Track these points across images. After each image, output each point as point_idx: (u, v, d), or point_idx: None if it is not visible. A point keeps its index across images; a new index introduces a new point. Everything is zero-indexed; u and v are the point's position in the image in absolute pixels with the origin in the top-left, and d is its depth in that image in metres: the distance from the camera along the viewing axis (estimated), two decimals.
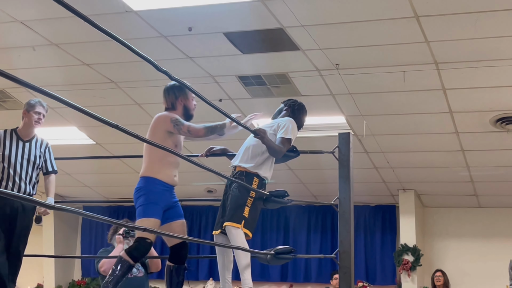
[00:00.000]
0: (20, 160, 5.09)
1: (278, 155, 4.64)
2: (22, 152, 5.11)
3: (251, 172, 4.61)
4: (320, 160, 8.74)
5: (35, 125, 5.20)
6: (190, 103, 4.64)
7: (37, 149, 5.18)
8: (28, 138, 5.21)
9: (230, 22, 6.59)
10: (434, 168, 9.71)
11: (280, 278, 11.60)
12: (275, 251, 4.38)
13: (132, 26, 6.64)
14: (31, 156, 5.13)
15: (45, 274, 11.86)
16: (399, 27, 6.41)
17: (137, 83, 8.06)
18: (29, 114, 5.20)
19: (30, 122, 5.18)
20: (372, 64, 7.15)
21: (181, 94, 4.61)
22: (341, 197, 4.52)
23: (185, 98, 4.61)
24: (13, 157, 5.05)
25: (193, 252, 11.65)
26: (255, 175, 4.61)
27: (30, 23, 6.82)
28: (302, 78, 7.58)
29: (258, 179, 4.62)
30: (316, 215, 11.59)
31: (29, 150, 5.14)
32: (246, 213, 4.48)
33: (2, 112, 9.16)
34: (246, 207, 4.49)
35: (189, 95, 4.63)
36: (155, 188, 4.39)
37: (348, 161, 4.56)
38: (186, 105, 4.62)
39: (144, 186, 4.42)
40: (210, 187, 11.37)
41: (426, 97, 7.77)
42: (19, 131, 5.21)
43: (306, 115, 5.08)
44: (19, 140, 5.15)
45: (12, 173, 5.03)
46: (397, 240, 11.02)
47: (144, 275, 6.06)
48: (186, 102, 4.62)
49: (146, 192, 4.38)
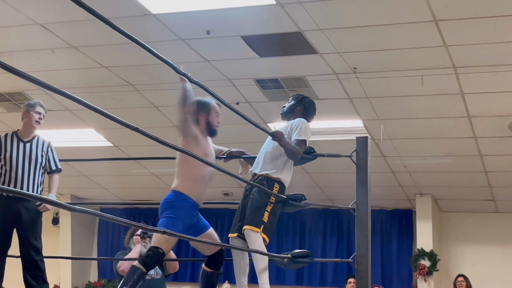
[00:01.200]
0: (22, 161, 5.09)
1: (296, 157, 4.63)
2: (23, 152, 5.12)
3: (273, 178, 4.61)
4: (336, 164, 8.71)
5: (35, 125, 5.21)
6: (212, 119, 4.62)
7: (38, 149, 5.18)
8: (29, 139, 5.21)
9: (248, 25, 6.60)
10: (452, 172, 9.66)
11: (296, 281, 11.57)
12: (292, 254, 4.37)
13: (150, 29, 6.67)
14: (32, 156, 5.12)
15: (62, 276, 11.92)
16: (418, 31, 6.39)
17: (155, 86, 8.09)
18: (29, 114, 5.22)
19: (30, 122, 5.20)
20: (390, 68, 7.13)
21: (203, 109, 4.59)
22: (359, 201, 4.51)
23: (207, 113, 4.59)
24: (14, 159, 5.06)
25: None
26: (276, 181, 4.61)
27: (49, 25, 6.88)
28: (320, 81, 7.57)
29: (279, 185, 4.61)
30: (332, 219, 11.56)
31: (30, 150, 5.14)
32: (265, 218, 4.47)
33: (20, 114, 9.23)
34: (266, 212, 4.49)
35: (212, 111, 4.61)
36: (184, 204, 4.41)
37: (366, 165, 4.55)
38: (209, 120, 4.60)
39: (174, 200, 4.43)
40: (226, 190, 11.37)
41: (444, 101, 7.74)
42: (19, 133, 5.22)
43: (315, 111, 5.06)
44: (19, 142, 5.16)
45: (14, 175, 5.04)
46: (414, 245, 10.96)
47: (161, 277, 6.08)
48: (208, 117, 4.59)
49: (174, 206, 4.38)
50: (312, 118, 5.03)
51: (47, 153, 5.23)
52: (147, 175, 10.88)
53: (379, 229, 11.24)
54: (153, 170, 10.71)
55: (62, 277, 11.94)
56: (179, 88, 4.42)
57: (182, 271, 12.18)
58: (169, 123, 8.84)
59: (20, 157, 5.10)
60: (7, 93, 8.67)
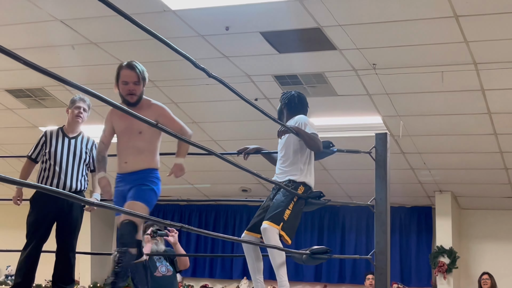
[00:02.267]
0: (66, 156, 5.12)
1: (318, 145, 4.60)
2: (68, 148, 5.15)
3: (298, 181, 4.62)
4: (355, 160, 8.68)
5: (76, 119, 5.22)
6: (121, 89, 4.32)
7: (83, 145, 5.20)
8: (74, 135, 5.23)
9: (267, 21, 6.59)
10: (472, 169, 9.59)
11: (314, 278, 11.57)
12: (311, 251, 4.36)
13: (169, 25, 6.69)
14: (76, 152, 5.15)
15: (81, 271, 12.00)
16: (438, 27, 6.35)
17: (174, 82, 8.11)
18: (71, 110, 5.26)
19: (72, 117, 5.23)
20: (410, 64, 7.09)
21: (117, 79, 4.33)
22: (378, 198, 4.49)
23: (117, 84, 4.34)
24: (59, 154, 5.10)
25: (228, 251, 11.69)
26: (302, 184, 4.62)
27: (69, 22, 6.91)
28: (339, 77, 7.55)
29: (305, 187, 4.62)
30: (350, 215, 11.54)
31: (74, 146, 5.17)
32: (286, 216, 4.47)
33: (41, 110, 9.30)
34: (287, 210, 4.49)
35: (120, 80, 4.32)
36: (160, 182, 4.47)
37: (385, 162, 4.52)
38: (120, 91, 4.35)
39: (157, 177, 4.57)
40: (244, 186, 11.39)
41: (465, 98, 7.68)
42: (64, 129, 5.25)
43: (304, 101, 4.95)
44: (64, 137, 5.19)
45: (58, 170, 5.07)
46: (433, 242, 10.91)
47: (172, 273, 6.11)
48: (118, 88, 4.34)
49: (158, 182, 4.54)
50: (305, 109, 4.93)
51: (91, 150, 5.22)
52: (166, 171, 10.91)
53: (398, 226, 11.20)
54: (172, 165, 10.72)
55: (82, 273, 12.02)
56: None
57: (200, 266, 12.22)
58: (188, 119, 8.86)
59: (64, 153, 5.13)
60: (28, 89, 8.74)
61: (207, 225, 12.16)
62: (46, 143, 5.17)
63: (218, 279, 12.10)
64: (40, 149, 5.18)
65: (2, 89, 8.82)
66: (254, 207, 10.71)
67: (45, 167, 5.12)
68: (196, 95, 8.35)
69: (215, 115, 8.92)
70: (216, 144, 9.46)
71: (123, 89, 4.30)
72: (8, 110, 9.37)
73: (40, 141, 5.21)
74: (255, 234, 4.61)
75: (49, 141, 5.16)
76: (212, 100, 8.45)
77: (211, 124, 9.24)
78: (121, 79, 4.30)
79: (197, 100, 8.58)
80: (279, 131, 4.62)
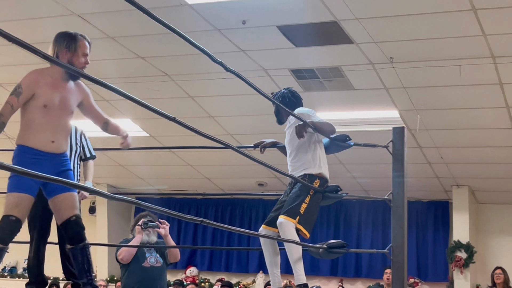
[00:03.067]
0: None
1: (332, 129, 4.60)
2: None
3: (314, 174, 4.62)
4: (372, 154, 8.65)
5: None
6: (77, 60, 3.94)
7: (72, 138, 5.17)
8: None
9: (284, 15, 6.58)
10: (489, 164, 9.53)
11: (330, 272, 11.56)
12: (328, 245, 4.36)
13: (186, 19, 6.69)
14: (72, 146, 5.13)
15: (99, 264, 12.07)
16: (456, 20, 6.31)
17: (190, 76, 8.12)
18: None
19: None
20: (427, 58, 7.05)
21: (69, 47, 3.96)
22: (395, 192, 4.47)
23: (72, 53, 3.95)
24: None
25: (244, 245, 11.71)
26: (318, 177, 4.62)
27: (87, 16, 6.94)
28: (356, 71, 7.52)
29: (320, 180, 4.62)
30: (367, 210, 11.51)
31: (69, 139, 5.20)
32: (302, 210, 4.47)
33: None
34: (304, 204, 4.49)
35: (79, 51, 3.96)
36: (23, 158, 3.77)
37: (402, 156, 4.50)
38: (71, 61, 3.91)
39: (14, 156, 3.84)
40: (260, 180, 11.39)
41: (483, 92, 7.63)
42: None
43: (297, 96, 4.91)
44: None
45: None
46: (450, 237, 10.86)
47: (162, 265, 6.17)
48: (72, 57, 3.95)
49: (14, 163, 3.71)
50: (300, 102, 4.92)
51: (81, 140, 5.27)
52: (183, 165, 10.95)
53: (415, 221, 11.15)
54: (189, 160, 10.77)
55: (99, 265, 12.08)
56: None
57: (217, 260, 12.26)
58: (204, 113, 8.87)
59: None
60: None
61: (223, 219, 12.18)
62: None
63: (234, 273, 12.13)
64: None
65: None
66: (270, 201, 10.72)
67: None
68: (213, 89, 8.36)
69: (231, 109, 8.93)
70: (232, 138, 9.46)
71: (80, 61, 3.94)
72: None
73: None
74: (272, 229, 4.62)
75: None
76: (228, 94, 8.45)
77: (227, 118, 9.25)
78: (81, 50, 3.98)
79: (213, 94, 8.58)
80: (297, 132, 4.59)
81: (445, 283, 10.79)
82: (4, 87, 9.01)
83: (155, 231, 6.21)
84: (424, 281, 10.90)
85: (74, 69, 3.44)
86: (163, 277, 6.24)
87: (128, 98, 2.36)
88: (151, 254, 6.15)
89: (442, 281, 10.88)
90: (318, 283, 10.89)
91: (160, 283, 6.17)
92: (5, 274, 12.87)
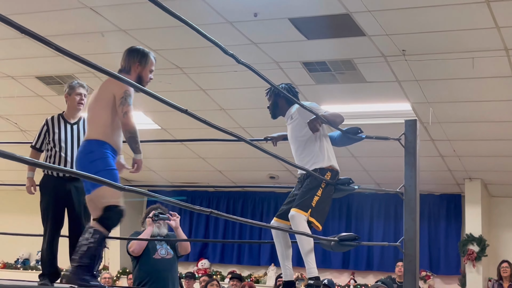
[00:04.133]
0: (70, 142, 5.17)
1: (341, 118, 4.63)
2: (71, 134, 5.20)
3: (325, 168, 4.62)
4: (384, 147, 8.64)
5: (78, 106, 5.27)
6: (146, 74, 4.41)
7: (82, 131, 5.22)
8: (75, 121, 5.28)
9: (296, 7, 6.56)
10: (502, 157, 9.48)
11: (342, 265, 11.56)
12: (339, 237, 4.36)
13: (197, 12, 6.68)
14: (80, 137, 5.18)
15: (111, 256, 12.12)
16: (469, 12, 6.27)
17: (202, 69, 8.12)
18: (71, 97, 5.28)
19: (73, 104, 5.27)
20: (440, 50, 7.01)
21: (141, 61, 4.39)
22: (407, 185, 4.46)
23: (143, 67, 4.39)
24: (63, 140, 5.15)
25: (255, 238, 11.73)
26: (329, 169, 4.62)
27: (99, 9, 6.95)
28: (368, 64, 7.50)
29: (331, 172, 4.62)
30: (379, 203, 11.49)
31: (77, 132, 5.22)
32: (314, 203, 4.48)
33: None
34: (316, 197, 4.50)
35: (148, 66, 4.42)
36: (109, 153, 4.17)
37: (415, 149, 4.49)
38: (141, 74, 4.39)
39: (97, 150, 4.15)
40: (272, 173, 11.39)
41: (496, 84, 7.59)
42: (65, 115, 5.30)
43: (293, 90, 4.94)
44: (66, 124, 5.25)
45: (64, 156, 5.12)
46: (462, 230, 10.82)
47: (172, 257, 6.20)
48: (142, 71, 4.39)
49: (101, 156, 4.11)
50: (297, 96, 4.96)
51: None
52: (194, 158, 10.96)
53: (427, 214, 11.12)
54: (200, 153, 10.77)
55: (111, 258, 12.14)
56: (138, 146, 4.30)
57: (228, 253, 12.28)
58: (216, 106, 8.87)
59: (68, 139, 5.18)
60: (58, 76, 8.81)
61: (235, 212, 12.19)
62: (49, 131, 5.21)
63: (245, 265, 12.15)
64: (44, 138, 5.23)
65: (32, 76, 8.92)
66: (282, 194, 10.72)
67: (50, 155, 5.16)
68: (224, 82, 8.36)
69: (243, 102, 8.92)
70: (244, 131, 9.46)
71: (147, 75, 4.43)
72: (38, 97, 9.47)
73: (42, 130, 5.26)
74: (284, 221, 4.62)
75: (52, 129, 5.21)
76: (240, 87, 8.45)
77: (239, 111, 9.25)
78: (150, 66, 4.44)
79: (225, 87, 8.58)
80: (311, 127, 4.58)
81: (457, 276, 10.75)
82: (17, 79, 9.05)
83: (166, 223, 6.23)
84: (436, 274, 10.88)
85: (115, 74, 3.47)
86: (174, 268, 6.26)
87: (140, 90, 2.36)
88: (161, 246, 6.18)
89: (454, 274, 10.84)
90: (330, 276, 10.88)
91: (171, 274, 6.20)
92: (18, 266, 12.95)
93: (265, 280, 11.67)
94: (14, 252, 12.97)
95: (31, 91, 9.31)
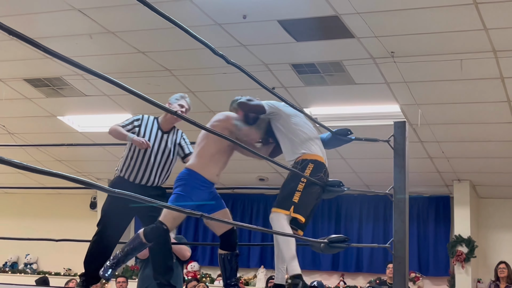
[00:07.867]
0: (156, 151, 4.94)
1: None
2: (159, 143, 4.96)
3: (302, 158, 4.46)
4: (373, 149, 8.66)
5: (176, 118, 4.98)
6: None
7: (172, 142, 5.02)
8: (167, 130, 5.04)
9: (285, 9, 6.56)
10: (490, 158, 9.53)
11: (331, 267, 11.57)
12: (329, 239, 4.33)
13: (187, 14, 6.68)
14: (166, 149, 4.97)
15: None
16: (457, 14, 6.29)
17: (191, 71, 8.11)
18: (172, 106, 5.00)
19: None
20: (428, 52, 7.04)
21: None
22: (396, 187, 4.46)
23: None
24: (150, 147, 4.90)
25: (244, 240, 11.70)
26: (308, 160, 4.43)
27: (87, 11, 6.93)
28: (357, 66, 7.51)
29: (313, 163, 4.46)
30: (368, 204, 11.50)
31: (166, 143, 4.98)
32: (296, 199, 4.35)
33: (59, 99, 9.35)
34: (297, 192, 4.35)
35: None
36: (195, 182, 4.42)
37: (404, 150, 4.49)
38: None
39: (186, 177, 4.45)
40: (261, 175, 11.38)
41: (484, 86, 7.62)
42: (160, 121, 5.05)
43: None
44: (158, 130, 5.00)
45: (146, 162, 4.91)
46: (451, 231, 10.86)
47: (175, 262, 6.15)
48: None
49: (185, 183, 4.42)
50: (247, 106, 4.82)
51: (180, 142, 5.06)
52: None
53: (416, 215, 11.15)
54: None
55: None
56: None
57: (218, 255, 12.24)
58: (205, 108, 8.86)
59: (155, 147, 4.94)
60: (46, 78, 8.78)
61: None
62: (140, 130, 4.96)
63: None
64: (131, 129, 4.95)
65: (20, 78, 8.87)
66: (271, 196, 10.72)
67: (132, 156, 4.94)
68: (213, 84, 8.35)
69: None
70: None
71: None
72: (26, 99, 9.42)
73: (134, 121, 5.01)
74: None
75: (144, 129, 4.96)
76: (229, 89, 8.42)
77: None
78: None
79: (214, 89, 8.58)
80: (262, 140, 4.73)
81: (446, 278, 10.79)
82: (4, 82, 9.01)
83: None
84: (425, 275, 10.91)
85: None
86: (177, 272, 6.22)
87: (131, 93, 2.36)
88: None
89: (443, 276, 10.88)
90: (319, 278, 10.89)
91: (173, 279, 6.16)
92: (6, 269, 12.87)
93: (254, 282, 11.66)
94: (2, 256, 12.90)
95: (19, 94, 9.26)
